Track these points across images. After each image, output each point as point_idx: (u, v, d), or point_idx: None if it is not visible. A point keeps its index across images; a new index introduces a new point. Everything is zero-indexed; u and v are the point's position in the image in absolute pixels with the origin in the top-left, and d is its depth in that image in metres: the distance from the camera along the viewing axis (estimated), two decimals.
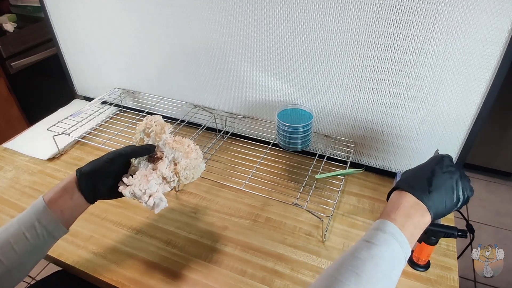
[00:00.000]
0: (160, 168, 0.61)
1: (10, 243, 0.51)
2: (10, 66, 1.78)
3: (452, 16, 0.65)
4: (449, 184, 0.49)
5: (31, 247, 0.52)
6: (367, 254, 0.42)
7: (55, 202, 0.54)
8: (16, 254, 0.51)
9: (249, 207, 0.83)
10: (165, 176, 0.61)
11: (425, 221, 0.47)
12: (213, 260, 0.71)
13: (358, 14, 0.71)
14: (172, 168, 0.63)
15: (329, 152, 0.93)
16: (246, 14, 0.82)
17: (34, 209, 0.54)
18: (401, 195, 0.49)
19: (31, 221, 0.53)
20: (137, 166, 0.62)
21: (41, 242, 0.53)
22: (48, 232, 0.53)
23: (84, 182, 0.56)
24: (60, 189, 0.55)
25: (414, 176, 0.51)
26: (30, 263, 0.54)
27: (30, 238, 0.52)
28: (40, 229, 0.52)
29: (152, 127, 0.64)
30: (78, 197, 0.56)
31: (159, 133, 0.64)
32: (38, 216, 0.53)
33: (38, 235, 0.52)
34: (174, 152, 0.64)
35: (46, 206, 0.53)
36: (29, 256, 0.53)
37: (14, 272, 0.52)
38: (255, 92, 0.94)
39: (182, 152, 0.64)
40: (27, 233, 0.52)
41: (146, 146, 0.64)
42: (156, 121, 0.65)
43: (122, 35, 1.02)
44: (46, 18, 1.12)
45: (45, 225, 0.53)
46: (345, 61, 0.79)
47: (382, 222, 0.46)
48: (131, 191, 0.58)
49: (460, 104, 0.74)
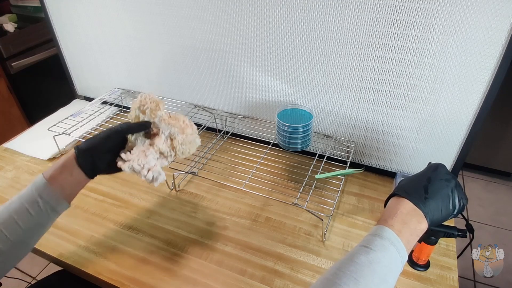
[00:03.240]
0: (157, 144, 0.63)
1: (13, 219, 0.52)
2: (10, 66, 1.78)
3: (452, 16, 0.65)
4: (445, 192, 0.50)
5: (35, 222, 0.54)
6: (365, 259, 0.43)
7: (56, 178, 0.55)
8: (20, 229, 0.53)
9: (249, 207, 0.83)
10: (162, 151, 0.63)
11: (421, 227, 0.48)
12: (213, 260, 0.71)
13: (358, 14, 0.72)
14: (169, 143, 0.65)
15: (329, 152, 0.93)
16: (246, 14, 0.82)
17: (35, 186, 0.55)
18: (399, 202, 0.50)
19: (33, 197, 0.54)
20: (134, 142, 0.63)
21: (44, 217, 0.55)
22: (51, 207, 0.55)
23: (83, 158, 0.57)
24: (60, 166, 0.56)
25: (411, 183, 0.52)
26: (34, 238, 0.56)
27: (33, 213, 0.53)
28: (43, 204, 0.54)
29: (147, 104, 0.65)
30: (78, 173, 0.57)
31: (154, 110, 0.65)
32: (40, 192, 0.54)
33: (41, 210, 0.54)
34: (170, 128, 0.65)
35: (47, 182, 0.54)
36: (33, 231, 0.55)
37: (19, 247, 0.54)
38: (255, 92, 0.95)
39: (178, 128, 0.65)
40: (30, 209, 0.53)
41: (142, 122, 0.65)
42: (151, 98, 0.66)
43: (122, 35, 1.02)
44: (46, 18, 1.12)
45: (47, 201, 0.54)
46: (345, 61, 0.79)
47: (380, 228, 0.47)
48: (130, 166, 0.59)
49: (460, 104, 0.74)
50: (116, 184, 0.90)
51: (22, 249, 0.55)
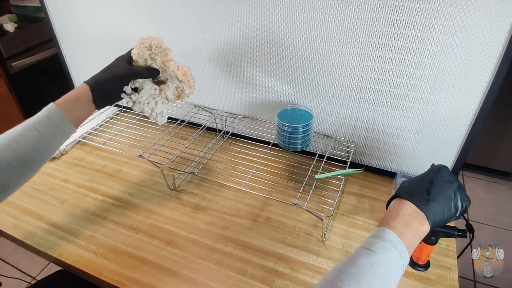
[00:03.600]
0: (166, 92, 0.73)
1: (23, 135, 0.57)
2: (10, 66, 1.78)
3: (452, 16, 0.65)
4: (447, 194, 0.50)
5: (44, 140, 0.59)
6: (367, 261, 0.43)
7: (67, 107, 0.62)
8: (28, 145, 0.57)
9: (249, 207, 0.83)
10: (169, 99, 0.74)
11: (423, 229, 0.48)
12: (213, 260, 0.71)
13: (358, 14, 0.72)
14: (176, 93, 0.74)
15: (329, 152, 0.93)
16: (246, 14, 0.82)
17: (46, 110, 0.60)
18: (401, 204, 0.49)
19: (43, 118, 0.59)
20: (141, 84, 0.70)
21: (52, 136, 0.60)
22: (59, 127, 0.60)
23: (97, 94, 0.65)
24: (72, 99, 0.63)
25: (413, 185, 0.52)
26: (42, 154, 0.60)
27: (41, 130, 0.58)
28: (51, 124, 0.60)
29: (158, 54, 0.70)
30: (88, 105, 0.64)
31: (165, 61, 0.71)
32: (49, 114, 0.60)
33: (49, 128, 0.59)
34: (181, 83, 0.73)
35: (57, 107, 0.61)
36: (40, 146, 0.59)
37: (27, 164, 0.58)
38: (255, 92, 0.95)
39: (187, 84, 0.73)
40: (39, 128, 0.58)
41: (152, 71, 0.70)
42: (158, 43, 0.70)
43: (122, 35, 1.02)
44: (46, 18, 1.12)
45: (56, 122, 0.60)
46: (345, 61, 0.79)
47: (382, 230, 0.46)
48: (141, 108, 0.71)
49: (460, 104, 0.74)
50: (116, 184, 0.90)
51: (30, 166, 0.59)
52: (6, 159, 0.55)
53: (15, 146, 0.56)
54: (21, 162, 0.57)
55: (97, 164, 0.97)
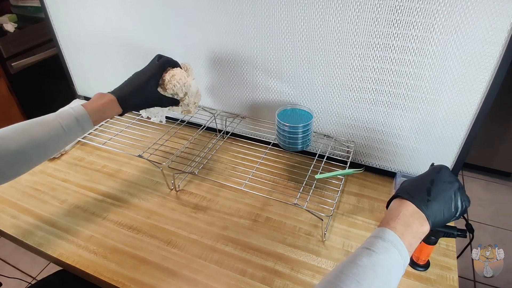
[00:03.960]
0: (175, 110, 0.83)
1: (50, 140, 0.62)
2: (10, 66, 1.78)
3: (452, 16, 0.65)
4: (448, 194, 0.50)
5: (66, 138, 0.65)
6: (368, 261, 0.43)
7: (94, 111, 0.67)
8: (53, 145, 0.64)
9: (249, 207, 0.83)
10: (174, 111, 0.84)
11: (423, 230, 0.48)
12: (213, 260, 0.71)
13: (358, 14, 0.72)
14: (183, 111, 0.84)
15: (329, 152, 0.93)
16: (246, 14, 0.82)
17: (75, 112, 0.65)
18: (401, 204, 0.50)
19: (71, 119, 0.64)
20: None
21: (74, 136, 0.66)
22: (83, 130, 0.67)
23: (124, 107, 0.72)
24: (101, 109, 0.68)
25: (414, 185, 0.52)
26: (60, 142, 0.65)
27: (67, 131, 0.64)
28: (79, 127, 0.65)
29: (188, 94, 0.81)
30: (114, 113, 0.71)
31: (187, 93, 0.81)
32: (77, 117, 0.65)
33: (75, 130, 0.65)
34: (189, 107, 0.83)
35: (87, 112, 0.66)
36: (61, 143, 0.65)
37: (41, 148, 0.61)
38: (255, 92, 0.95)
39: (194, 109, 0.84)
40: (66, 129, 0.63)
41: (174, 102, 0.80)
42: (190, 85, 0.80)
43: (122, 35, 1.02)
44: (46, 18, 1.12)
45: (83, 126, 0.66)
46: (345, 61, 0.79)
47: (382, 230, 0.46)
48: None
49: (460, 104, 0.74)
50: (116, 184, 0.90)
51: (42, 150, 0.63)
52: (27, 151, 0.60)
53: (41, 152, 0.62)
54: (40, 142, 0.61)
55: (97, 164, 0.97)
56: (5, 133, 0.58)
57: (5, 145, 0.57)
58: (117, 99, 0.70)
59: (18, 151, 0.58)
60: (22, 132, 0.59)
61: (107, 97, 0.70)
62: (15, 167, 0.60)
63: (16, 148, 0.58)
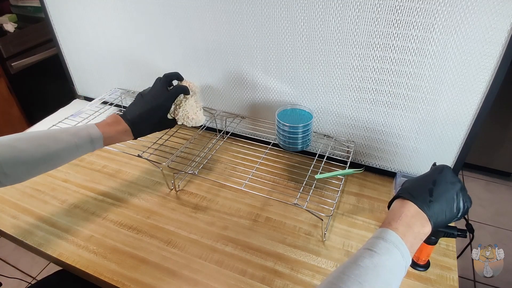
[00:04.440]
0: None
1: (62, 156, 0.66)
2: (10, 66, 1.78)
3: (452, 16, 0.65)
4: (450, 195, 0.50)
5: (78, 155, 0.69)
6: (369, 262, 0.43)
7: (108, 137, 0.71)
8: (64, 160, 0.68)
9: (249, 207, 0.83)
10: None
11: (425, 231, 0.48)
12: (213, 260, 0.71)
13: (358, 14, 0.72)
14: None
15: (329, 152, 0.93)
16: (246, 14, 0.82)
17: (90, 135, 0.68)
18: (403, 204, 0.49)
19: (86, 142, 0.68)
20: None
21: (85, 153, 0.70)
22: (94, 149, 0.70)
23: (137, 132, 0.75)
24: (115, 134, 0.72)
25: (416, 186, 0.52)
26: (70, 157, 0.68)
27: (81, 151, 0.68)
28: (91, 148, 0.69)
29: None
30: (127, 137, 0.75)
31: None
32: (93, 140, 0.68)
33: (87, 150, 0.69)
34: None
35: (102, 136, 0.70)
36: (71, 159, 0.69)
37: (49, 160, 0.64)
38: (255, 92, 0.95)
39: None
40: (81, 151, 0.68)
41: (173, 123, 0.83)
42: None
43: (122, 35, 1.02)
44: (46, 18, 1.12)
45: (95, 147, 0.70)
46: (345, 61, 0.79)
47: (384, 231, 0.46)
48: None
49: (460, 104, 0.74)
50: (116, 184, 0.90)
51: (53, 163, 0.66)
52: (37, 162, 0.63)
53: (52, 164, 0.66)
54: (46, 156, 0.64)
55: (97, 164, 0.97)
56: (22, 144, 0.62)
57: (23, 157, 0.61)
58: (131, 128, 0.74)
59: (32, 163, 0.62)
60: (39, 147, 0.63)
61: (122, 126, 0.73)
62: (23, 175, 0.64)
63: (31, 160, 0.62)
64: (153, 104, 0.76)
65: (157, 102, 0.76)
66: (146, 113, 0.75)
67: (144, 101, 0.76)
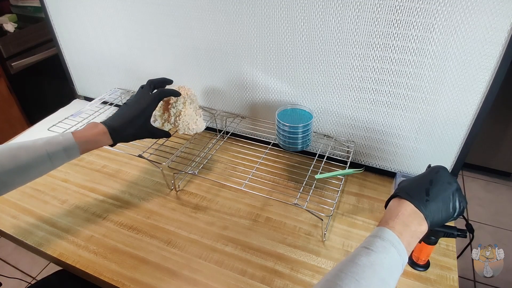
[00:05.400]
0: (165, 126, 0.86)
1: (35, 166, 0.62)
2: (10, 66, 1.78)
3: (452, 16, 0.65)
4: (446, 195, 0.50)
5: (52, 167, 0.65)
6: (367, 260, 0.43)
7: (84, 145, 0.66)
8: (38, 172, 0.64)
9: (249, 207, 0.83)
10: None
11: (421, 229, 0.48)
12: (213, 260, 0.71)
13: (358, 14, 0.72)
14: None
15: (329, 152, 0.93)
16: (246, 14, 0.82)
17: (63, 144, 0.64)
18: (400, 203, 0.50)
19: (58, 150, 0.63)
20: None
21: (60, 164, 0.66)
22: (70, 159, 0.66)
23: (116, 138, 0.70)
24: (92, 139, 0.67)
25: (413, 185, 0.52)
26: (45, 169, 0.65)
27: (54, 161, 0.64)
28: (65, 157, 0.65)
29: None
30: (105, 143, 0.69)
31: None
32: (66, 148, 0.64)
33: (61, 159, 0.65)
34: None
35: (76, 144, 0.65)
36: (46, 171, 0.65)
37: (23, 172, 0.62)
38: (255, 92, 0.95)
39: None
40: (53, 159, 0.63)
41: (166, 135, 0.80)
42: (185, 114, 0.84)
43: (122, 35, 1.02)
44: (46, 18, 1.12)
45: (70, 155, 0.65)
46: (345, 61, 0.79)
47: (381, 230, 0.47)
48: None
49: (460, 104, 0.74)
50: (116, 184, 0.90)
51: (26, 175, 0.63)
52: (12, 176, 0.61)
53: (25, 176, 0.63)
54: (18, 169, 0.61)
55: (97, 164, 0.97)
56: None
57: None
58: (109, 130, 0.69)
59: (5, 176, 0.60)
60: (8, 158, 0.60)
61: (99, 128, 0.68)
62: None
63: (2, 173, 0.59)
64: (134, 107, 0.72)
65: (139, 105, 0.72)
66: (126, 116, 0.71)
67: (126, 106, 0.73)
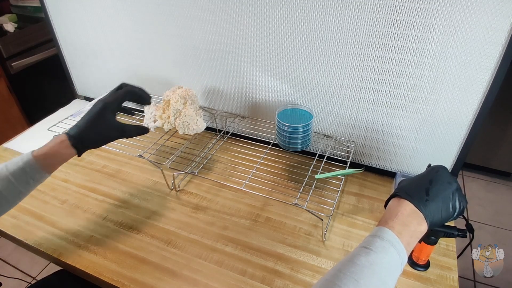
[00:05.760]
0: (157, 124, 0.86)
1: None
2: (10, 66, 1.78)
3: (452, 16, 0.65)
4: (446, 195, 0.50)
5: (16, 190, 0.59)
6: (366, 260, 0.43)
7: (46, 161, 0.61)
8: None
9: (249, 207, 0.83)
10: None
11: (421, 229, 0.48)
12: (213, 260, 0.71)
13: (358, 14, 0.72)
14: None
15: (329, 152, 0.93)
16: (246, 14, 0.82)
17: (23, 162, 0.59)
18: (400, 203, 0.50)
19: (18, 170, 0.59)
20: None
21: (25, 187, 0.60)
22: (34, 180, 0.61)
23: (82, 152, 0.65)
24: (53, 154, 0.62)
25: (412, 185, 0.52)
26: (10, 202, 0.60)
27: (16, 182, 0.58)
28: (27, 177, 0.59)
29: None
30: (69, 155, 0.64)
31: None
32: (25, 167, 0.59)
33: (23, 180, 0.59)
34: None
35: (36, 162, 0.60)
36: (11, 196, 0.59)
37: None
38: (255, 92, 0.95)
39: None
40: (12, 179, 0.58)
41: (142, 130, 0.72)
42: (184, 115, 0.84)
43: (122, 35, 1.02)
44: (46, 18, 1.12)
45: (32, 175, 0.60)
46: (345, 61, 0.79)
47: (380, 229, 0.47)
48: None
49: (460, 104, 0.74)
50: (116, 184, 0.90)
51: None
52: None
53: None
54: None
55: (97, 164, 0.97)
56: None
57: None
58: (68, 138, 0.62)
59: None
60: None
61: (58, 138, 0.62)
62: None
63: None
64: (91, 109, 0.66)
65: (97, 104, 0.66)
66: (85, 119, 0.64)
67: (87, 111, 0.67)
